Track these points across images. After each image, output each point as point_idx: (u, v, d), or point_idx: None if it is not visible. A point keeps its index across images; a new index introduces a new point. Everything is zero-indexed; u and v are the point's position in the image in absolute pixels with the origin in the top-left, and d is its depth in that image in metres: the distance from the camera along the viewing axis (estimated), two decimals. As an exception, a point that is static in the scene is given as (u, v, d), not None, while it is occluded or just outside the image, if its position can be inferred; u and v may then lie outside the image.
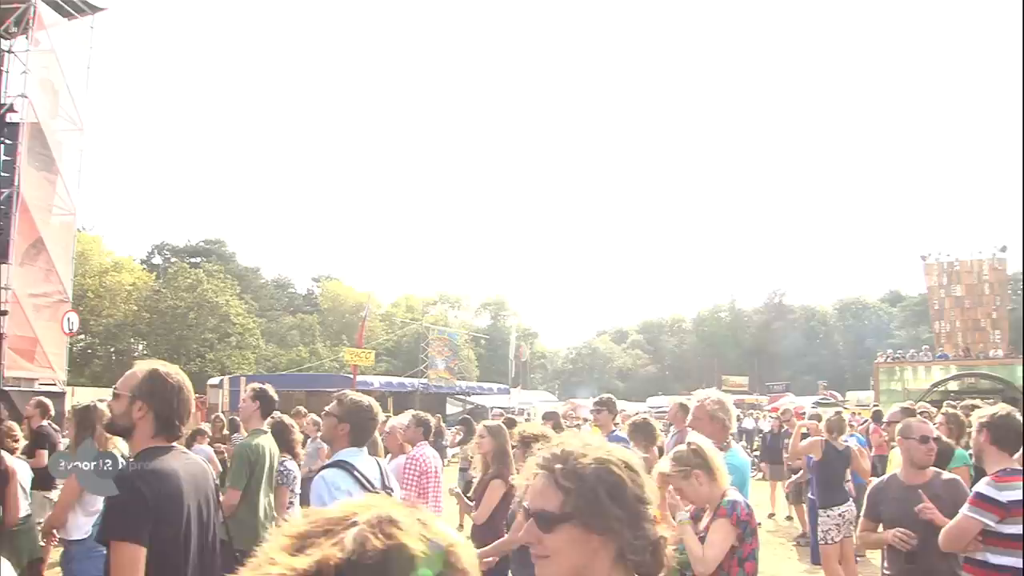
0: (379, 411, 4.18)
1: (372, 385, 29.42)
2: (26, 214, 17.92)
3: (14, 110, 18.13)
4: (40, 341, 18.68)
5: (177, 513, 2.68)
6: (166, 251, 66.35)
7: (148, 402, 2.84)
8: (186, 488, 2.74)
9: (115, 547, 2.55)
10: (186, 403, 2.91)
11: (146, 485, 2.63)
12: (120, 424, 2.90)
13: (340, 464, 3.89)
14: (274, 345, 59.98)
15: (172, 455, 2.83)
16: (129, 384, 2.88)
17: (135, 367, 2.94)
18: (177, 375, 2.93)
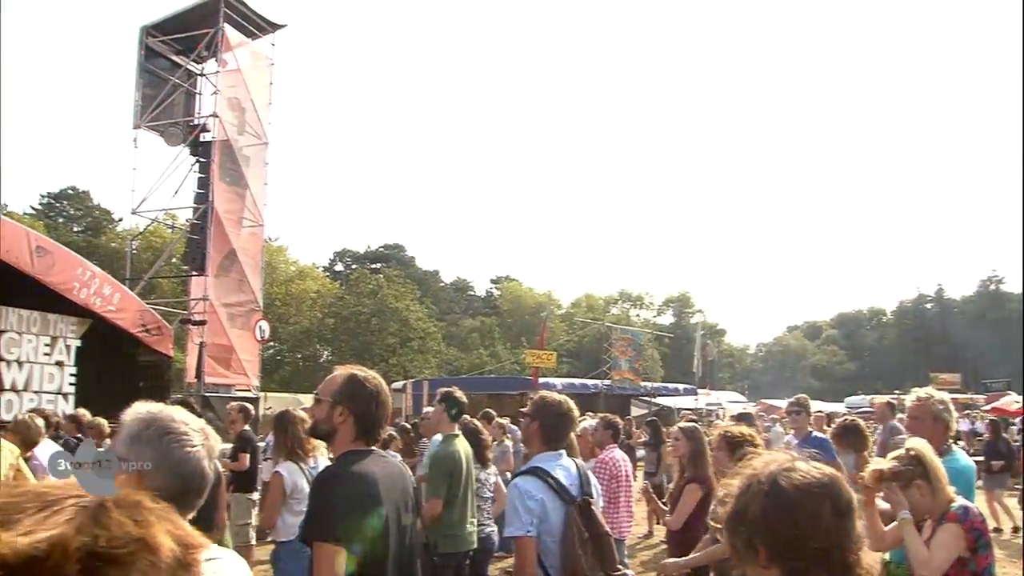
0: (573, 410, 4.01)
1: (554, 387, 29.84)
2: (219, 227, 19.69)
3: (207, 129, 19.99)
4: (235, 349, 20.46)
5: (375, 516, 2.83)
6: (347, 258, 70.13)
7: (348, 407, 3.02)
8: (385, 492, 2.88)
9: (317, 548, 2.76)
10: (384, 408, 3.09)
11: (346, 488, 2.83)
12: (322, 428, 3.09)
13: (534, 471, 3.80)
14: (455, 348, 61.84)
15: (372, 459, 2.99)
16: (330, 389, 3.07)
17: (335, 372, 3.15)
18: (375, 380, 3.10)
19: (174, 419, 1.86)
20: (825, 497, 1.66)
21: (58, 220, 56.07)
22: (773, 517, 1.65)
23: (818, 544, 1.63)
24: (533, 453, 3.99)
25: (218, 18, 19.84)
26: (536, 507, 3.65)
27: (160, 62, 20.45)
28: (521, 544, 3.64)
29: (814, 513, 1.64)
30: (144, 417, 1.87)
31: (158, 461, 1.79)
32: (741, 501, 1.70)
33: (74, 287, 14.43)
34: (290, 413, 5.76)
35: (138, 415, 1.88)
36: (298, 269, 58.02)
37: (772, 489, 1.67)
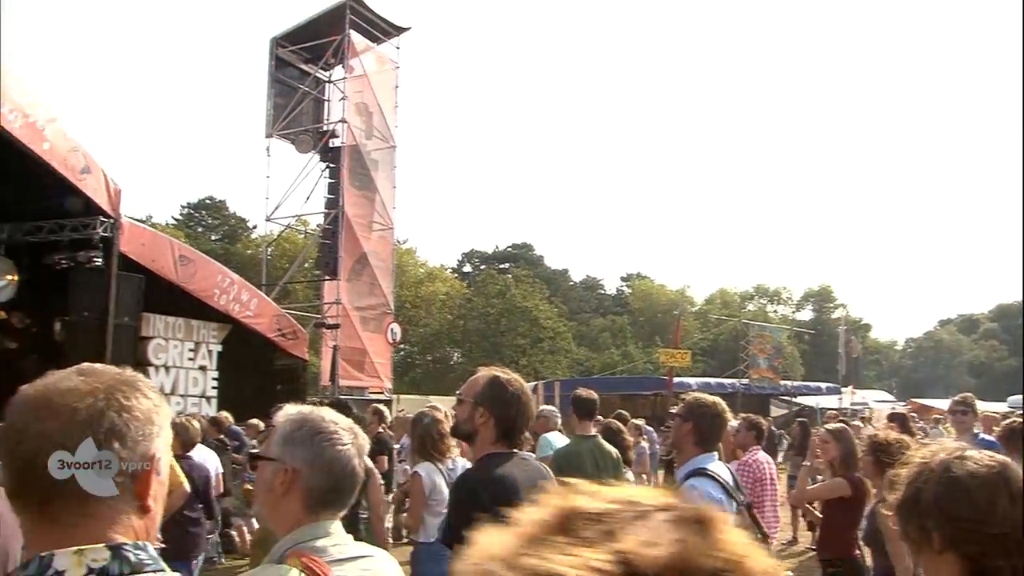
0: (727, 411, 4.03)
1: (690, 386, 29.30)
2: (350, 232, 20.28)
3: (336, 135, 20.64)
4: (368, 351, 21.02)
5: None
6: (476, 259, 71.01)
7: (490, 408, 3.05)
8: (525, 496, 2.93)
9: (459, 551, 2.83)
10: (526, 410, 3.11)
11: (486, 491, 2.86)
12: (463, 429, 3.16)
13: (703, 472, 3.80)
14: (585, 348, 61.69)
15: (513, 462, 3.02)
16: (472, 390, 3.11)
17: (477, 374, 3.20)
18: (517, 382, 3.11)
19: (324, 419, 1.92)
20: (1000, 483, 1.67)
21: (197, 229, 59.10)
22: (947, 503, 1.67)
23: (994, 530, 1.63)
24: (684, 456, 3.96)
25: (344, 25, 20.43)
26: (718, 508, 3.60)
27: (290, 71, 21.25)
28: None
29: (990, 499, 1.65)
30: (296, 418, 1.93)
31: (311, 461, 1.85)
32: (913, 487, 1.72)
33: (214, 294, 15.13)
34: (428, 414, 5.83)
35: (290, 416, 1.95)
36: (427, 271, 59.12)
37: (945, 475, 1.69)
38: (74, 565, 1.12)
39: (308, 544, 1.79)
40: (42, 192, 12.72)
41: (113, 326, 12.86)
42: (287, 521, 1.86)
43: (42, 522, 1.16)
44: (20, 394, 1.22)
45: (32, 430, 1.16)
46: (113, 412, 1.19)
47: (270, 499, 1.89)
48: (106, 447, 1.17)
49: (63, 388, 1.19)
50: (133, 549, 1.17)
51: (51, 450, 1.14)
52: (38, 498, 1.16)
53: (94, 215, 12.77)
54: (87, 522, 1.16)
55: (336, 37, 20.59)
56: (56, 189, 12.50)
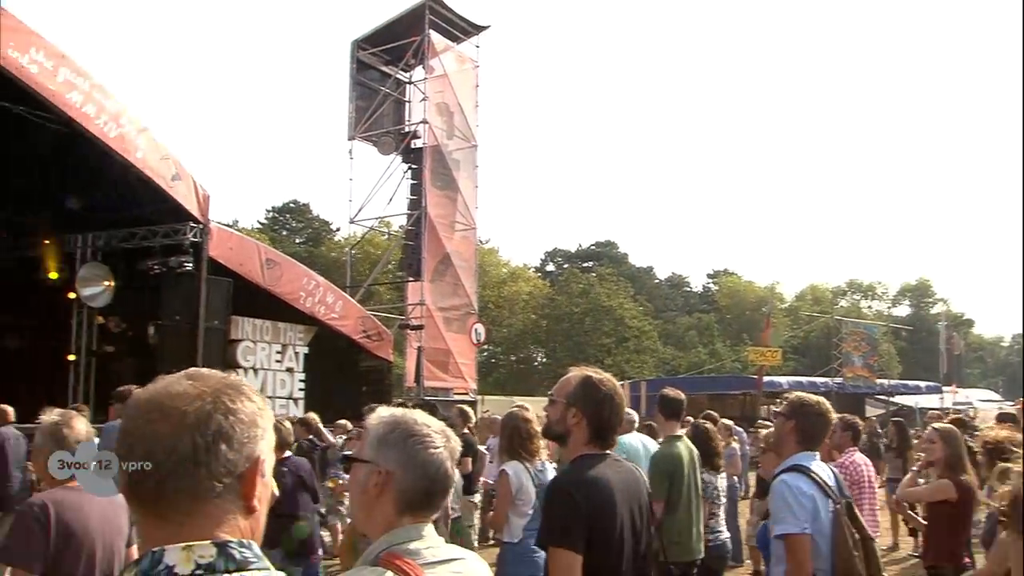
0: (830, 410, 4.04)
1: (780, 385, 28.75)
2: (433, 232, 20.44)
3: (417, 136, 20.84)
4: (452, 352, 21.15)
5: (610, 522, 2.84)
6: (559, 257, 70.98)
7: (582, 409, 3.02)
8: (619, 497, 2.89)
9: (553, 553, 2.80)
10: (618, 411, 3.07)
11: (580, 493, 2.84)
12: (555, 430, 3.12)
13: (798, 468, 3.81)
14: (672, 347, 61.09)
15: (606, 463, 2.99)
16: (564, 390, 3.09)
17: (569, 373, 3.16)
18: (609, 382, 3.08)
19: (416, 421, 1.95)
20: None
21: (282, 232, 60.54)
22: None
23: None
24: (785, 454, 3.99)
25: (424, 25, 20.61)
26: (808, 504, 3.65)
27: (371, 73, 21.54)
28: (796, 543, 3.62)
29: None
30: (388, 420, 1.96)
31: (404, 463, 1.88)
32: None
33: (300, 296, 15.42)
34: (516, 414, 5.81)
35: (382, 419, 1.97)
36: (510, 271, 59.33)
37: None
38: (183, 561, 1.18)
39: (401, 547, 1.81)
40: (135, 199, 13.16)
41: (203, 329, 13.22)
42: (380, 523, 1.88)
43: (154, 519, 1.23)
44: (133, 398, 1.29)
45: (144, 432, 1.23)
46: (220, 415, 1.24)
47: (363, 501, 1.92)
48: (213, 449, 1.23)
49: (173, 392, 1.26)
50: (238, 547, 1.22)
51: (161, 452, 1.21)
52: (151, 497, 1.22)
53: (184, 221, 13.14)
54: (194, 520, 1.22)
55: (416, 38, 20.79)
56: (148, 196, 12.90)
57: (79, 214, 13.99)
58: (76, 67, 11.23)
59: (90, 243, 14.35)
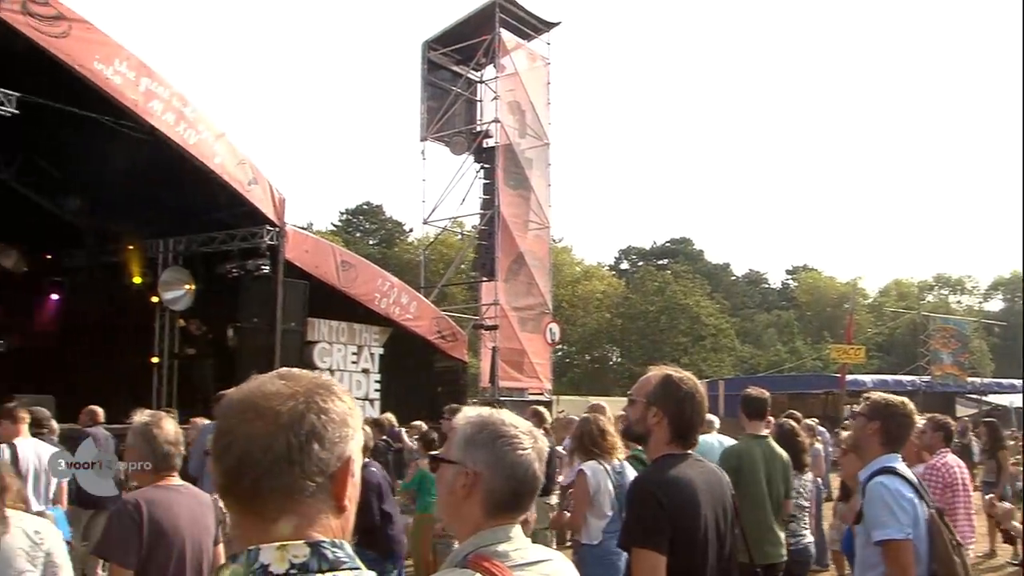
0: (914, 411, 3.95)
1: (864, 384, 28.03)
2: (506, 232, 20.48)
3: (489, 135, 20.91)
4: (527, 352, 21.16)
5: (693, 523, 2.81)
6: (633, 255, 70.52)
7: (662, 408, 3.00)
8: (702, 498, 2.86)
9: (636, 554, 2.79)
10: (700, 410, 3.03)
11: (663, 494, 2.82)
12: (636, 430, 3.12)
13: (892, 470, 3.70)
14: (750, 345, 60.21)
15: (688, 463, 2.96)
16: (644, 390, 3.07)
17: (649, 373, 3.14)
18: (689, 381, 3.05)
19: (504, 422, 1.95)
20: None
21: (355, 234, 61.40)
22: None
23: None
24: (868, 457, 3.87)
25: (494, 24, 20.68)
26: (909, 508, 3.54)
27: (442, 74, 21.69)
28: (899, 549, 3.50)
29: None
30: (475, 421, 1.96)
31: (492, 464, 1.88)
32: None
33: (375, 297, 15.61)
34: (593, 414, 5.79)
35: (469, 419, 1.98)
36: (583, 269, 59.19)
37: None
38: (277, 560, 1.20)
39: (490, 548, 1.81)
40: (214, 204, 13.49)
41: (281, 331, 13.47)
42: (468, 524, 1.89)
43: (250, 517, 1.26)
44: (227, 398, 1.32)
45: (239, 432, 1.25)
46: (312, 415, 1.27)
47: (451, 502, 1.92)
48: (307, 448, 1.25)
49: (267, 392, 1.28)
50: (330, 547, 1.25)
51: (257, 451, 1.23)
52: (247, 495, 1.25)
53: (261, 224, 13.41)
54: (288, 519, 1.25)
55: (486, 37, 20.88)
56: (226, 201, 13.22)
57: (161, 220, 14.40)
58: (157, 76, 11.59)
59: (171, 248, 14.81)
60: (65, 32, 10.32)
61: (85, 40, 10.62)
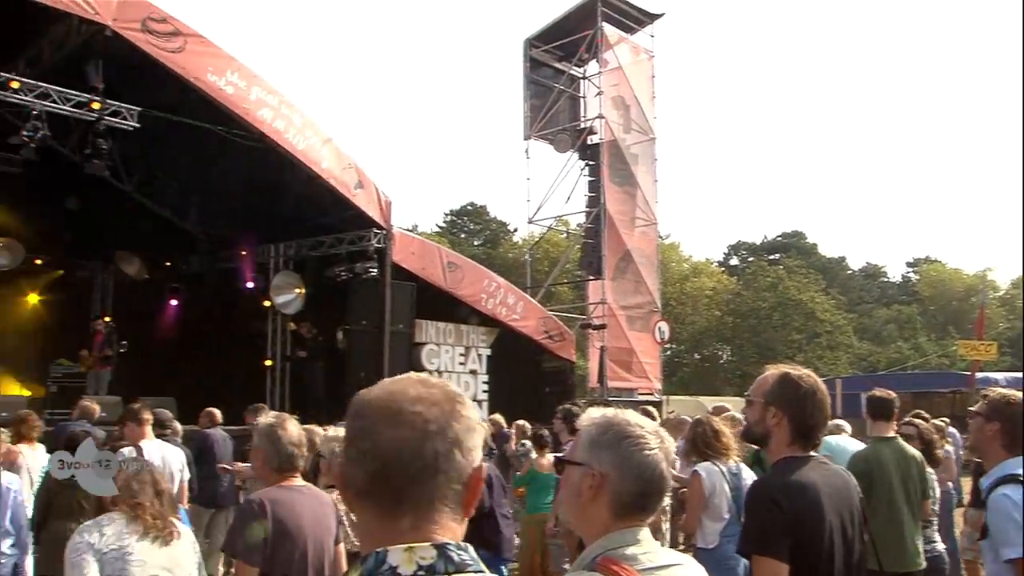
0: None
1: (997, 382, 26.60)
2: (613, 229, 20.36)
3: (593, 132, 20.83)
4: (635, 351, 20.99)
5: (817, 529, 2.71)
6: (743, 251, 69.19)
7: (782, 408, 2.90)
8: (827, 502, 2.75)
9: (756, 562, 2.71)
10: (822, 409, 2.93)
11: (784, 498, 2.73)
12: (755, 432, 3.03)
13: (1015, 478, 3.43)
14: (868, 342, 58.32)
15: (810, 466, 2.86)
16: (761, 390, 2.98)
17: (766, 372, 3.06)
18: (809, 379, 2.96)
19: (630, 422, 1.94)
20: None
21: (460, 235, 62.06)
22: None
23: None
24: (990, 461, 3.64)
25: (596, 18, 20.61)
26: None
27: (544, 71, 21.72)
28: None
29: None
30: (601, 422, 1.96)
31: (618, 465, 1.88)
32: None
33: (482, 298, 15.74)
34: (706, 414, 5.71)
35: (594, 420, 1.98)
36: (692, 266, 58.40)
37: None
38: (405, 562, 1.22)
39: (618, 551, 1.81)
40: (322, 208, 13.86)
41: (389, 333, 13.71)
42: (595, 527, 1.89)
43: (385, 520, 1.27)
44: (365, 400, 1.32)
45: (385, 436, 1.27)
46: (455, 422, 1.29)
47: (577, 504, 1.93)
48: (451, 456, 1.27)
49: (411, 397, 1.30)
50: (456, 549, 1.26)
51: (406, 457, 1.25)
52: (389, 500, 1.27)
53: (368, 227, 13.69)
54: (423, 524, 1.27)
55: (588, 32, 20.82)
56: (334, 205, 13.56)
57: (271, 225, 14.86)
58: (267, 85, 11.98)
59: (282, 252, 15.29)
60: (181, 47, 10.78)
61: (199, 53, 11.08)
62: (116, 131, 11.32)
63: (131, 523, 3.42)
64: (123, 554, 3.32)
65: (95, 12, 9.99)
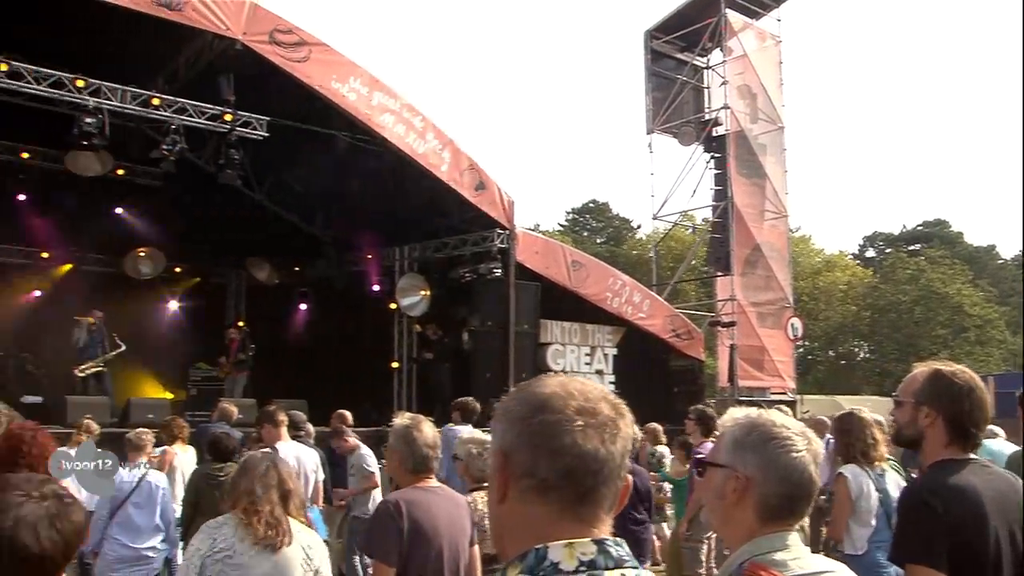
0: None
1: None
2: (741, 223, 19.99)
3: (719, 123, 20.51)
4: (767, 349, 20.53)
5: (980, 537, 2.57)
6: (880, 242, 66.71)
7: (935, 407, 2.79)
8: (990, 508, 2.61)
9: (911, 570, 2.61)
10: (980, 406, 2.80)
11: (941, 503, 2.61)
12: (906, 434, 2.93)
13: None
14: (1023, 337, 55.34)
15: (970, 469, 2.73)
16: (911, 389, 2.89)
17: (915, 370, 2.96)
18: (964, 374, 2.84)
19: (775, 423, 1.90)
20: None
21: (582, 233, 62.00)
22: None
23: None
24: None
25: (719, 5, 20.31)
26: None
27: (666, 63, 21.52)
28: None
29: None
30: (744, 422, 1.93)
31: (764, 467, 1.85)
32: None
33: (607, 297, 15.71)
34: (855, 415, 5.55)
35: (737, 420, 1.95)
36: (824, 259, 56.67)
37: None
38: (566, 557, 1.25)
39: (766, 557, 1.77)
40: (444, 210, 14.14)
41: (514, 334, 13.84)
42: (740, 531, 1.86)
43: (560, 515, 1.30)
44: (548, 394, 1.34)
45: (583, 434, 1.30)
46: (626, 425, 1.34)
47: (720, 508, 1.90)
48: (625, 458, 1.32)
49: (594, 397, 1.34)
50: (614, 545, 1.29)
51: (603, 457, 1.29)
52: (573, 496, 1.30)
53: (491, 228, 13.87)
54: (589, 521, 1.31)
55: (711, 20, 20.50)
56: (456, 206, 13.82)
57: (395, 228, 15.23)
58: (388, 89, 12.32)
59: (406, 255, 15.67)
60: (306, 56, 11.23)
61: (323, 62, 11.50)
62: (246, 140, 11.87)
63: (244, 528, 3.43)
64: (224, 559, 3.37)
65: (226, 27, 10.54)
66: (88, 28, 10.65)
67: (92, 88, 10.53)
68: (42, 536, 1.65)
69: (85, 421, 8.16)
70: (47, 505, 1.69)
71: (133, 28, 10.41)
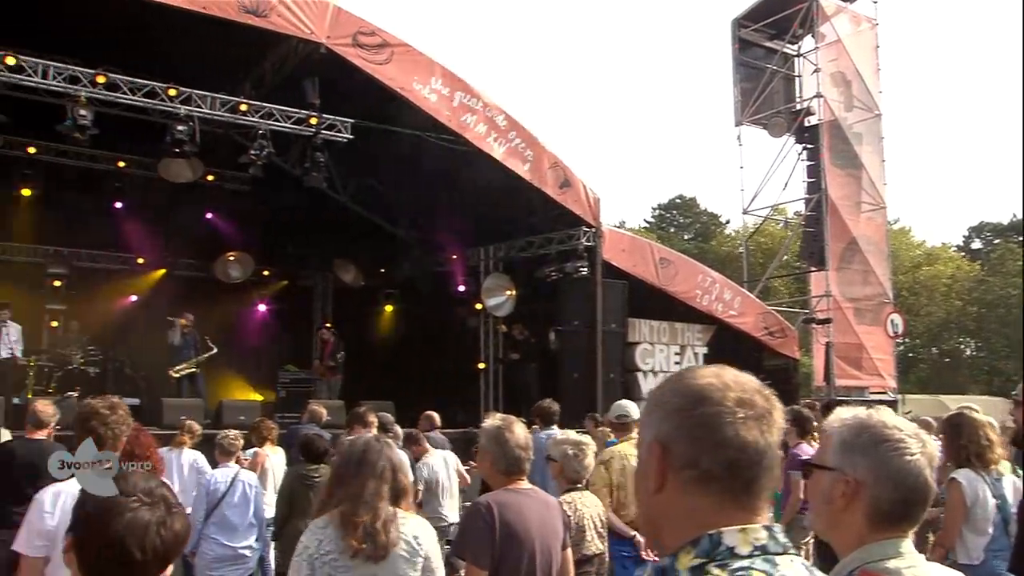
0: None
1: None
2: (836, 216, 19.54)
3: (811, 112, 20.09)
4: (865, 347, 20.02)
5: None
6: (987, 232, 64.34)
7: None
8: None
9: None
10: None
11: None
12: None
13: None
14: None
15: None
16: None
17: None
18: None
19: (887, 424, 1.86)
20: None
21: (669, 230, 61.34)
22: None
23: None
24: None
25: (810, -10, 19.79)
26: None
27: (754, 52, 21.18)
28: None
29: None
30: (853, 424, 1.88)
31: (875, 471, 1.81)
32: None
33: (696, 294, 15.52)
34: (966, 415, 5.36)
35: (846, 422, 1.91)
36: (925, 252, 54.96)
37: None
38: (742, 542, 1.29)
39: (879, 565, 1.75)
40: (529, 209, 14.17)
41: (602, 333, 13.78)
42: (850, 537, 1.83)
43: (725, 505, 1.33)
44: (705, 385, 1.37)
45: (746, 426, 1.33)
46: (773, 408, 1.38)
47: (828, 512, 1.87)
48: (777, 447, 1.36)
49: (751, 389, 1.38)
50: (780, 531, 1.33)
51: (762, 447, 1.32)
52: (739, 486, 1.33)
53: (576, 226, 13.84)
54: (755, 509, 1.34)
55: (802, 5, 20.10)
56: (540, 205, 13.83)
57: (480, 228, 15.33)
58: (470, 88, 12.40)
59: (491, 255, 15.75)
60: (388, 58, 11.40)
61: (405, 63, 11.65)
62: (330, 143, 12.09)
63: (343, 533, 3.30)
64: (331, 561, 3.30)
65: (311, 32, 10.76)
66: (178, 37, 11.00)
67: (183, 96, 10.90)
68: (147, 544, 1.71)
69: (187, 422, 8.42)
70: (157, 511, 1.75)
71: (221, 36, 10.72)
